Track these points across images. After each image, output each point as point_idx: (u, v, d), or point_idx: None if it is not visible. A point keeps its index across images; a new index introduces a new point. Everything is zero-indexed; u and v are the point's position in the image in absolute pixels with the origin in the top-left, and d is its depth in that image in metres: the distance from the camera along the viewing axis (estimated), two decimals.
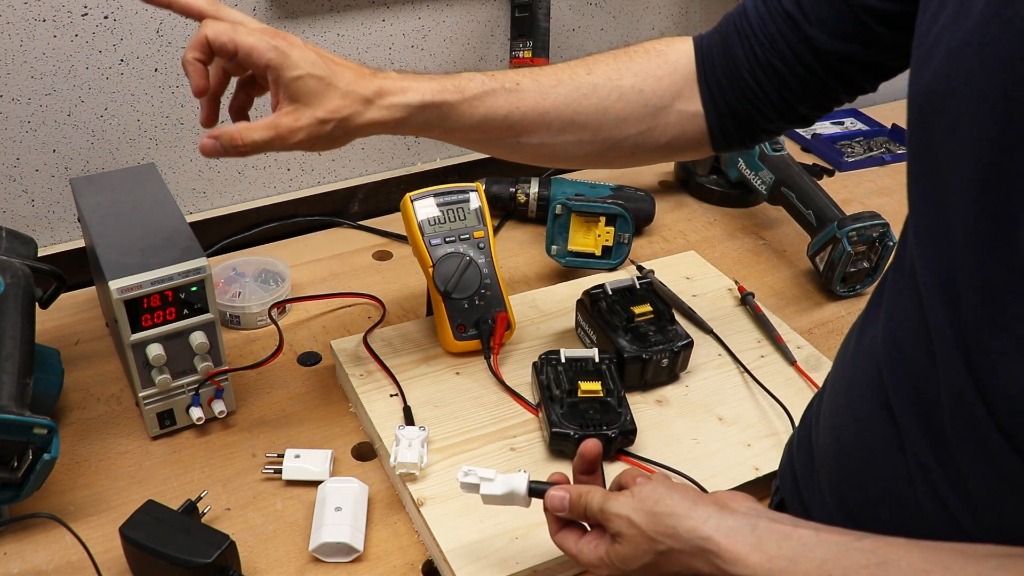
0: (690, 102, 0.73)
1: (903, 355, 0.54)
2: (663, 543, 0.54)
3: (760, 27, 0.68)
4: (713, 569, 0.52)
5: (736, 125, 0.73)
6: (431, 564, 0.71)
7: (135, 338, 0.74)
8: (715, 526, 0.52)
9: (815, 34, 0.65)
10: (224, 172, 1.12)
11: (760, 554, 0.50)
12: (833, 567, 0.47)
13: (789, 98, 0.69)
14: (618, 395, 0.80)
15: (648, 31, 1.36)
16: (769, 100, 0.70)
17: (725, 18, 0.72)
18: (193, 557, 0.63)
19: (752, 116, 0.71)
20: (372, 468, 0.80)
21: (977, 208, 0.46)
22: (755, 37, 0.68)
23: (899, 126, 1.49)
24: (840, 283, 1.06)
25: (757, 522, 0.52)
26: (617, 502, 0.58)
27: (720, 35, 0.72)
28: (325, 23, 1.08)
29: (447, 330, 0.88)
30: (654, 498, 0.56)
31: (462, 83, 0.69)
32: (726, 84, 0.71)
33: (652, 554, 0.55)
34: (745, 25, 0.69)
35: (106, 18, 0.95)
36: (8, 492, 0.68)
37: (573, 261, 1.06)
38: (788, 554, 0.49)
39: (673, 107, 0.73)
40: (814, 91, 0.68)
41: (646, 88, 0.72)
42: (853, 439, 0.59)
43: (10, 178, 0.99)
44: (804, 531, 0.50)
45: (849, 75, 0.66)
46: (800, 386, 0.88)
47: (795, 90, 0.68)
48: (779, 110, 0.70)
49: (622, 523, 0.57)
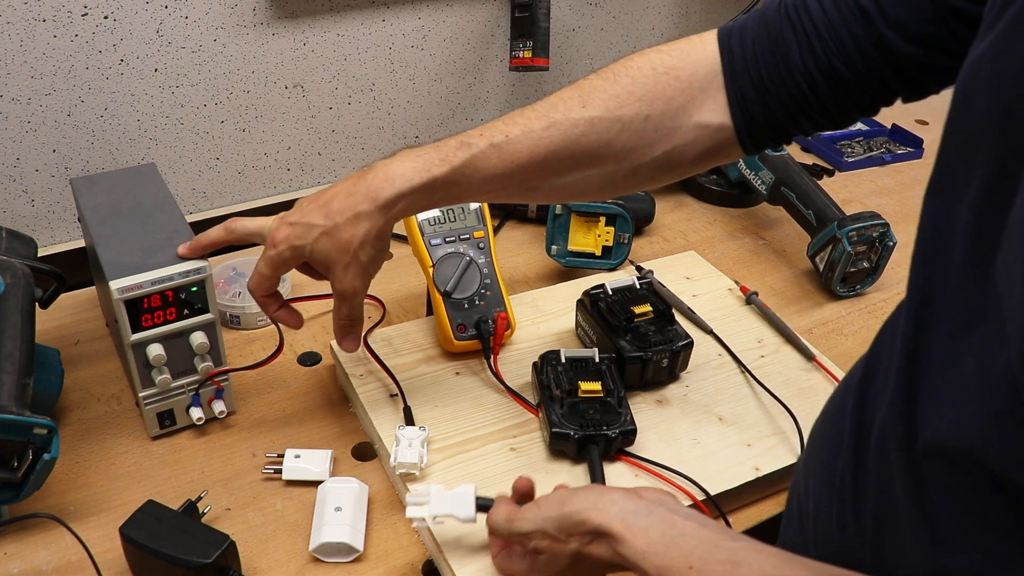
0: (710, 113, 0.65)
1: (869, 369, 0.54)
2: (572, 542, 0.58)
3: (825, 25, 0.59)
4: (611, 552, 0.56)
5: (771, 129, 0.65)
6: (431, 564, 0.71)
7: (135, 338, 0.74)
8: (618, 511, 0.57)
9: (891, 36, 0.57)
10: (224, 172, 1.12)
11: (644, 537, 0.54)
12: (696, 558, 0.52)
13: (843, 102, 0.62)
14: (618, 395, 0.79)
15: (648, 31, 1.36)
16: (820, 104, 0.62)
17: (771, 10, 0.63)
18: (193, 557, 0.63)
19: (795, 120, 0.64)
20: (372, 468, 0.80)
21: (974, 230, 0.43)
22: (817, 36, 0.60)
23: (899, 126, 1.49)
24: (840, 283, 1.06)
25: (654, 509, 0.57)
26: (524, 520, 0.61)
27: (766, 32, 0.62)
28: (325, 23, 1.08)
29: (447, 330, 0.88)
30: (560, 501, 0.60)
31: (448, 152, 0.67)
32: (770, 87, 0.62)
33: (567, 556, 0.59)
34: (805, 22, 0.60)
35: (106, 18, 0.95)
36: (8, 492, 0.68)
37: (573, 261, 1.06)
38: (667, 541, 0.54)
39: (688, 124, 0.65)
40: (873, 95, 0.62)
41: (653, 113, 0.65)
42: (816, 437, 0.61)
43: (10, 178, 0.99)
44: (690, 524, 0.55)
45: (917, 79, 0.59)
46: (800, 386, 0.88)
47: (853, 94, 0.61)
48: (828, 114, 0.63)
49: (535, 537, 0.61)
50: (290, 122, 1.13)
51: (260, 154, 1.13)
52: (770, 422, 0.83)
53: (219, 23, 1.02)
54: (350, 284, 0.70)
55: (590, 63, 1.33)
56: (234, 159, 1.12)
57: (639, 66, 0.66)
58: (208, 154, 1.10)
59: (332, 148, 1.18)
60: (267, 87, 1.09)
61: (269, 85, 1.09)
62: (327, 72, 1.12)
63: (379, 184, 0.67)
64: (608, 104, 0.65)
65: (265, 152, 1.13)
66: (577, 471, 0.76)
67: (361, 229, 0.67)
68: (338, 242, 0.68)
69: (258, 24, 1.04)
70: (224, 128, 1.09)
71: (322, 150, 1.17)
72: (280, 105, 1.11)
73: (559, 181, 0.69)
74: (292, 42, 1.07)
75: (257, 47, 1.05)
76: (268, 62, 1.07)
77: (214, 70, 1.04)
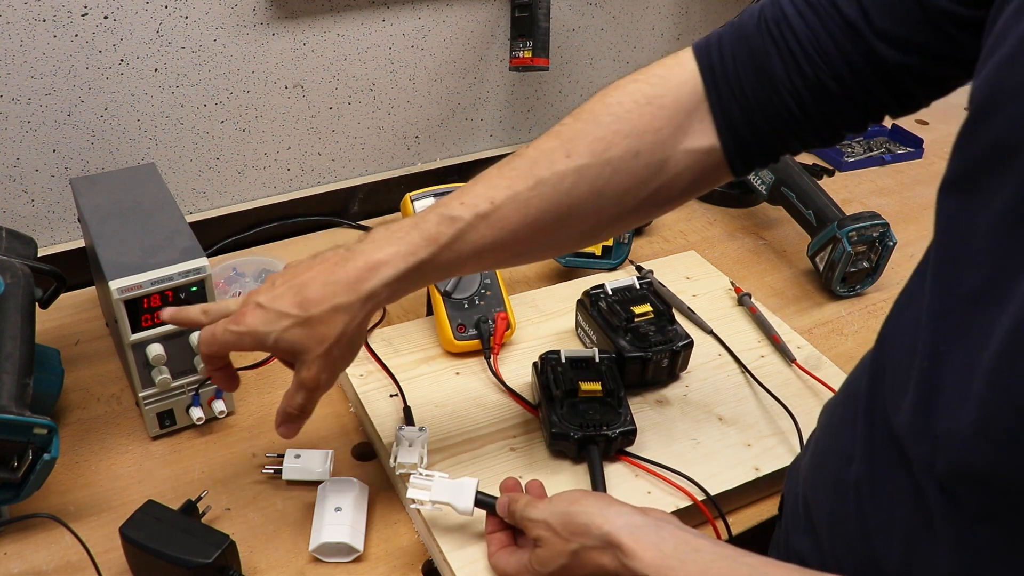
0: (699, 137, 0.61)
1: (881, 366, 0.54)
2: (575, 542, 0.59)
3: (810, 40, 0.56)
4: (617, 564, 0.56)
5: (760, 148, 0.62)
6: (431, 564, 0.71)
7: (135, 338, 0.74)
8: (624, 523, 0.57)
9: (881, 47, 0.54)
10: (224, 172, 1.12)
11: (656, 552, 0.54)
12: (716, 573, 0.52)
13: (832, 119, 0.59)
14: (618, 395, 0.79)
15: (648, 31, 1.36)
16: (809, 122, 0.59)
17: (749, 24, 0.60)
18: (193, 557, 0.63)
19: (783, 138, 0.61)
20: (372, 468, 0.80)
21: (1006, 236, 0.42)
22: (802, 51, 0.56)
23: (899, 126, 1.49)
24: (840, 283, 1.06)
25: (663, 526, 0.57)
26: (536, 508, 0.63)
27: (746, 48, 0.59)
28: (325, 23, 1.08)
29: (447, 330, 0.88)
30: (569, 500, 0.62)
31: (430, 231, 0.61)
32: (755, 106, 0.59)
33: (566, 555, 0.59)
34: (788, 37, 0.57)
35: (106, 18, 0.95)
36: (8, 492, 0.68)
37: (573, 261, 1.06)
38: (681, 556, 0.54)
39: (678, 152, 0.61)
40: (863, 110, 0.59)
41: (643, 148, 0.60)
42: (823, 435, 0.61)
43: (10, 178, 0.99)
44: (702, 541, 0.55)
45: (908, 91, 0.57)
46: (800, 386, 0.88)
47: (842, 110, 0.58)
48: (817, 131, 0.60)
49: (540, 527, 0.61)
50: (290, 122, 1.13)
51: (260, 154, 1.13)
52: (770, 422, 0.83)
53: (219, 23, 1.02)
54: (315, 377, 0.63)
55: (590, 63, 1.33)
56: (234, 159, 1.12)
57: (619, 101, 0.61)
58: (208, 154, 1.10)
59: (332, 148, 1.18)
60: (267, 87, 1.09)
61: (269, 85, 1.09)
62: (327, 72, 1.12)
63: (361, 273, 0.61)
64: (594, 148, 0.60)
65: (265, 152, 1.13)
66: (577, 471, 0.76)
67: (339, 323, 0.61)
68: (311, 335, 0.61)
69: (258, 24, 1.04)
70: (224, 128, 1.09)
71: (322, 150, 1.17)
72: (280, 105, 1.11)
73: (553, 240, 0.64)
74: (292, 42, 1.07)
75: (257, 47, 1.05)
76: (268, 62, 1.07)
77: (214, 70, 1.04)
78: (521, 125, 1.32)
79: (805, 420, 0.82)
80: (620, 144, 0.60)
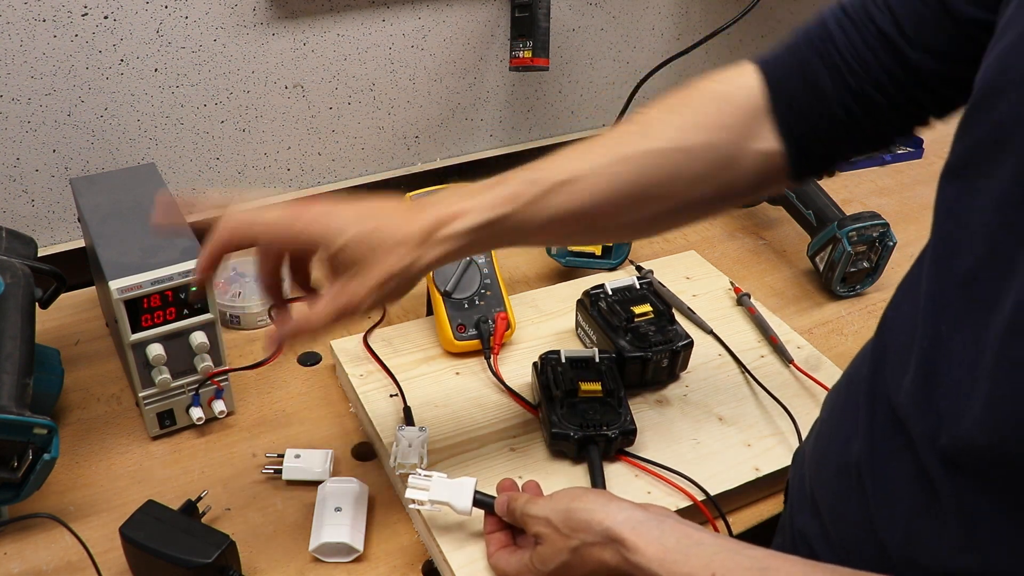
0: (765, 140, 0.63)
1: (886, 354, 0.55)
2: (576, 538, 0.59)
3: (851, 53, 0.59)
4: (619, 559, 0.56)
5: (821, 155, 0.64)
6: (431, 564, 0.71)
7: (135, 338, 0.74)
8: (625, 518, 0.57)
9: (916, 56, 0.57)
10: (224, 172, 1.12)
11: (658, 546, 0.55)
12: (719, 565, 0.52)
13: (882, 127, 0.61)
14: (618, 395, 0.79)
15: (648, 31, 1.36)
16: (860, 131, 0.61)
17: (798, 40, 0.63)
18: (193, 557, 0.63)
19: (841, 146, 0.63)
20: (372, 468, 0.80)
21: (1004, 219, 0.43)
22: (846, 65, 0.59)
23: None
24: (840, 283, 1.06)
25: (664, 520, 0.57)
26: (536, 505, 0.63)
27: (797, 63, 0.62)
28: (325, 23, 1.08)
29: (447, 330, 0.88)
30: (570, 496, 0.62)
31: (516, 188, 0.62)
32: (811, 116, 0.62)
33: (567, 552, 0.59)
34: (831, 51, 0.60)
35: (106, 18, 0.95)
36: (8, 492, 0.68)
37: (573, 261, 1.06)
38: (683, 549, 0.54)
39: (748, 151, 0.63)
40: (908, 116, 0.61)
41: (717, 141, 0.63)
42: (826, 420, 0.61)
43: (10, 178, 0.99)
44: (704, 535, 0.56)
45: (948, 96, 0.59)
46: (800, 386, 0.88)
47: (889, 118, 0.61)
48: (868, 139, 0.63)
49: (540, 524, 0.62)
50: (290, 122, 1.13)
51: (260, 154, 1.13)
52: (770, 422, 0.83)
53: (219, 23, 1.02)
54: (364, 297, 0.59)
55: (590, 63, 1.33)
56: (234, 159, 1.12)
57: (696, 96, 0.65)
58: (208, 154, 1.10)
59: (332, 148, 1.18)
60: (267, 87, 1.09)
61: (269, 85, 1.09)
62: (327, 72, 1.12)
63: (449, 217, 0.60)
64: (672, 135, 0.63)
65: (265, 152, 1.13)
66: (577, 471, 0.76)
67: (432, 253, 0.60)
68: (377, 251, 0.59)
69: (258, 24, 1.04)
70: (224, 128, 1.09)
71: (322, 150, 1.17)
72: (280, 105, 1.11)
73: (626, 219, 0.65)
74: (292, 42, 1.07)
75: (257, 47, 1.05)
76: (268, 62, 1.07)
77: (214, 70, 1.04)
78: (521, 125, 1.32)
79: (804, 420, 0.82)
80: (697, 134, 0.63)
